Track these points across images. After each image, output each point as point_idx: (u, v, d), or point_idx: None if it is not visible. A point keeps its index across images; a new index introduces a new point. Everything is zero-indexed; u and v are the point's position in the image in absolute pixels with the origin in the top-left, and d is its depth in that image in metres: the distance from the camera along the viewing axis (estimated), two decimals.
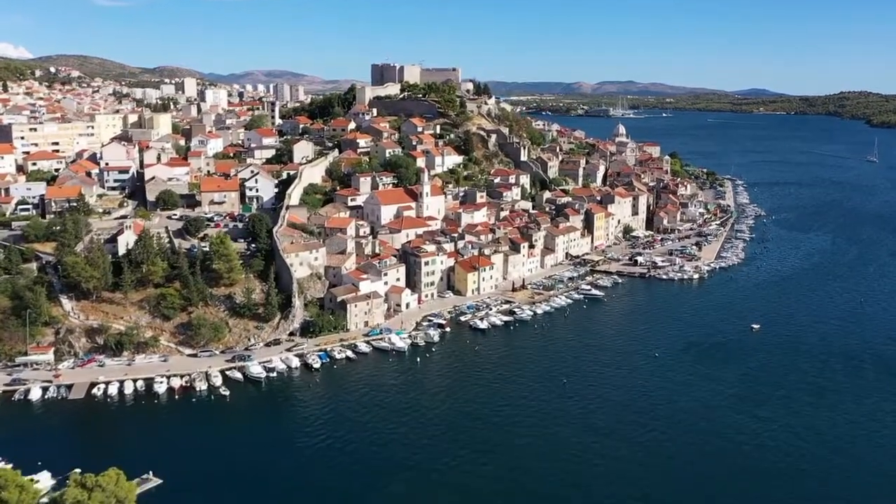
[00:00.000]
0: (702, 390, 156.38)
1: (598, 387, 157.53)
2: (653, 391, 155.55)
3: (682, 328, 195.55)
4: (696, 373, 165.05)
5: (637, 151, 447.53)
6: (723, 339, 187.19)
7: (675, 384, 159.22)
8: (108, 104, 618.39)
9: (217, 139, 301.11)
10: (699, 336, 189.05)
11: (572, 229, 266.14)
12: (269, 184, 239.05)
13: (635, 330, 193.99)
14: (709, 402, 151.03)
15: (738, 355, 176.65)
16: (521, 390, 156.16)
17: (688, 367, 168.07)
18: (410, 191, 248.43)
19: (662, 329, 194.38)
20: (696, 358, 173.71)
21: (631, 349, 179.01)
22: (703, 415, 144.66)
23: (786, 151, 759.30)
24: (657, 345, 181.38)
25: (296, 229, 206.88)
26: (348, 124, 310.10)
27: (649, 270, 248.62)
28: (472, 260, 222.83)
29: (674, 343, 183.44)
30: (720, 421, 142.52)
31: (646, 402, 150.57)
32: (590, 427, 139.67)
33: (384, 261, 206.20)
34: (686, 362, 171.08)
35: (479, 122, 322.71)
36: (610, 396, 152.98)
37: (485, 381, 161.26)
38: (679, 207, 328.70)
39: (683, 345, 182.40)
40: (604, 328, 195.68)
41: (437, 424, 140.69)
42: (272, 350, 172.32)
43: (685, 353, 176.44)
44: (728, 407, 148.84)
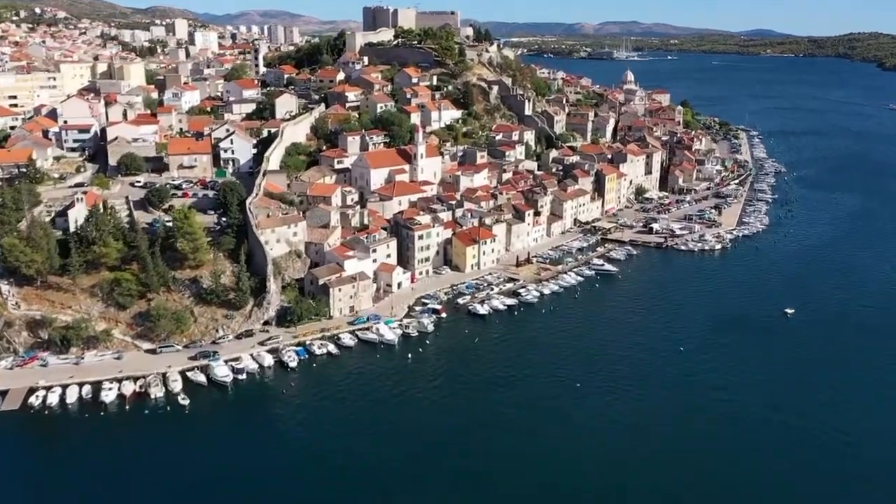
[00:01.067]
0: (745, 402, 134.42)
1: (616, 393, 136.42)
2: (681, 400, 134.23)
3: (707, 313, 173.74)
4: (730, 376, 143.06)
5: (646, 100, 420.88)
6: (755, 328, 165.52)
7: (707, 391, 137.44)
8: (90, 48, 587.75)
9: (193, 91, 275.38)
10: (727, 324, 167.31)
11: (581, 193, 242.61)
12: (247, 144, 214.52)
13: (654, 316, 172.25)
14: (759, 415, 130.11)
15: (775, 350, 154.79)
16: (527, 394, 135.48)
17: (719, 367, 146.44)
18: (403, 151, 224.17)
19: (685, 315, 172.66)
20: (727, 354, 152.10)
21: (651, 342, 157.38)
22: (755, 441, 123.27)
23: (797, 97, 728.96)
24: (680, 335, 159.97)
25: (273, 199, 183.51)
26: (337, 74, 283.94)
27: (666, 240, 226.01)
28: (472, 231, 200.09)
29: (699, 334, 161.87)
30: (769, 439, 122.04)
31: (675, 415, 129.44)
32: (606, 446, 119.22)
33: (373, 235, 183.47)
34: (716, 360, 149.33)
35: (480, 71, 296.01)
36: (630, 408, 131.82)
37: (485, 382, 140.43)
38: (695, 165, 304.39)
39: (710, 336, 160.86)
40: (619, 314, 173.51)
41: (431, 439, 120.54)
42: (243, 344, 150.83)
43: (714, 348, 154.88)
44: (776, 420, 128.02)
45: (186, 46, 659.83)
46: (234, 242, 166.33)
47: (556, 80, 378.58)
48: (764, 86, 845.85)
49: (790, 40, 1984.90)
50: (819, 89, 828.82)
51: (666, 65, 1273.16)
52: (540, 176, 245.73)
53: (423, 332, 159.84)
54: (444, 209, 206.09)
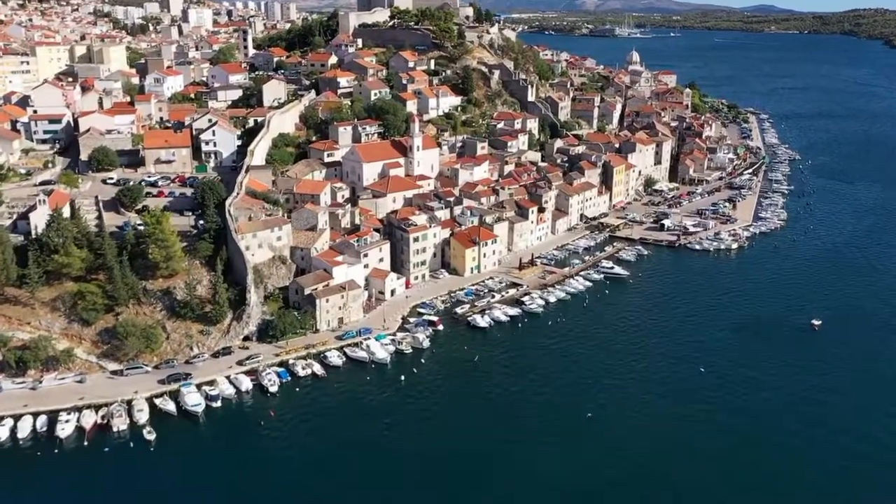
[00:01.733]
0: (781, 432, 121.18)
1: (630, 423, 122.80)
2: (705, 434, 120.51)
3: (726, 325, 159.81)
4: (758, 404, 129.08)
5: (652, 82, 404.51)
6: (781, 344, 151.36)
7: (734, 421, 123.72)
8: (79, 27, 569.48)
9: (176, 77, 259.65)
10: (749, 338, 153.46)
11: (588, 186, 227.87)
12: (230, 136, 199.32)
13: (669, 329, 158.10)
14: (796, 443, 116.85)
15: (806, 370, 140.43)
16: (531, 424, 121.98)
17: (744, 393, 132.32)
18: (398, 143, 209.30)
19: (702, 328, 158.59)
20: (751, 375, 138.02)
21: (667, 361, 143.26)
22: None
23: (806, 76, 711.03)
24: (699, 353, 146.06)
25: (256, 199, 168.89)
26: (329, 58, 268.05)
27: (679, 238, 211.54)
28: (471, 232, 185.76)
29: (719, 350, 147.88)
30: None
31: (696, 451, 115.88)
32: (619, 484, 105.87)
33: (364, 238, 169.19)
34: (740, 384, 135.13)
35: (480, 54, 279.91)
36: (646, 442, 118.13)
37: (485, 408, 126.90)
38: (706, 154, 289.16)
39: (731, 353, 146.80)
40: (631, 326, 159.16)
41: (427, 473, 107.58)
42: (220, 364, 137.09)
43: (737, 368, 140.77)
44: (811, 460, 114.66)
45: (179, 24, 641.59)
46: (213, 248, 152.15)
47: (560, 62, 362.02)
48: (771, 65, 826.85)
49: (794, 17, 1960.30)
50: (828, 68, 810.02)
51: (669, 42, 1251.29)
52: (544, 168, 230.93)
53: (418, 349, 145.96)
54: (441, 207, 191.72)
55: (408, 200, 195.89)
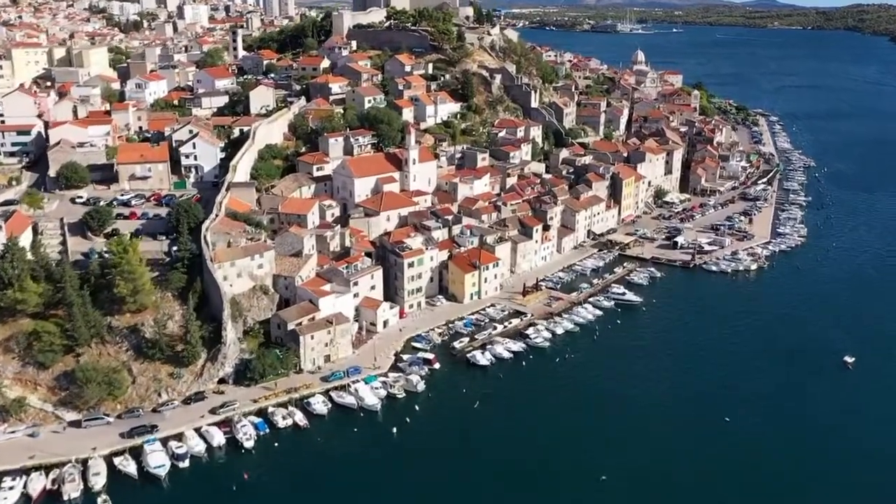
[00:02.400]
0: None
1: (648, 484, 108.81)
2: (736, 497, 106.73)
3: (749, 361, 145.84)
4: (793, 466, 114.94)
5: (658, 82, 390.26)
6: (811, 385, 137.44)
7: (772, 491, 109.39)
8: (70, 24, 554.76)
9: (159, 81, 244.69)
10: (776, 378, 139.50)
11: (596, 200, 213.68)
12: (212, 149, 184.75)
13: (688, 366, 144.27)
14: None
15: (844, 427, 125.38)
16: (537, 486, 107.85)
17: (778, 449, 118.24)
18: (393, 156, 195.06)
19: (724, 364, 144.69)
20: (784, 431, 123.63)
21: (689, 408, 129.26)
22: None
23: (813, 74, 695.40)
24: (722, 396, 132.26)
25: (237, 221, 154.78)
26: (321, 61, 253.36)
27: (693, 258, 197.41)
28: (471, 255, 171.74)
29: (744, 394, 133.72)
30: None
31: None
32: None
33: (354, 265, 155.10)
34: (773, 438, 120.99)
35: (481, 57, 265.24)
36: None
37: (485, 466, 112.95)
38: (718, 162, 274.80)
39: (758, 396, 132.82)
40: (646, 364, 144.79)
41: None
42: (191, 412, 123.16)
43: (765, 415, 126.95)
44: None
45: (174, 21, 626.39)
46: (186, 279, 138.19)
47: (564, 63, 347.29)
48: (777, 62, 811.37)
49: (797, 12, 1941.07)
50: (835, 65, 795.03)
51: (672, 38, 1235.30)
52: (548, 181, 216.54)
53: (412, 392, 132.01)
54: (438, 226, 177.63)
55: (403, 219, 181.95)
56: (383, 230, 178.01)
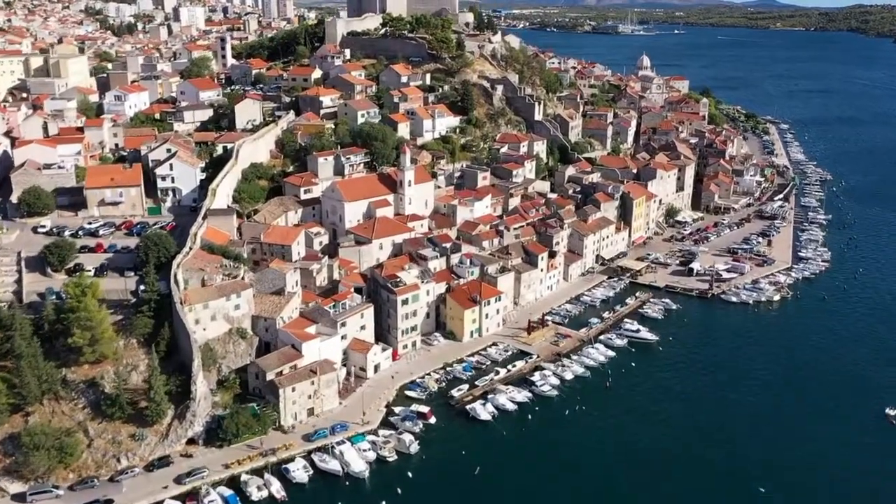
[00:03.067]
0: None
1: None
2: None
3: (779, 411, 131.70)
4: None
5: (664, 88, 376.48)
6: (851, 444, 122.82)
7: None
8: (62, 27, 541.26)
9: (141, 93, 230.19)
10: (811, 435, 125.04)
11: (605, 223, 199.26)
12: (190, 170, 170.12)
13: (711, 420, 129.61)
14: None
15: (887, 487, 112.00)
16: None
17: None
18: (387, 177, 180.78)
19: (752, 419, 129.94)
20: (823, 494, 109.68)
21: (716, 476, 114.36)
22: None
23: (821, 77, 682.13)
24: (755, 461, 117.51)
25: (213, 254, 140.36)
26: (312, 72, 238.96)
27: (711, 286, 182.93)
28: (471, 288, 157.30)
29: (778, 456, 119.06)
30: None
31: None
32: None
33: (343, 302, 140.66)
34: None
35: (482, 67, 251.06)
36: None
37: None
38: (731, 177, 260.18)
39: (793, 461, 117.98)
40: (665, 416, 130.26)
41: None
42: (153, 482, 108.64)
43: (804, 485, 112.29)
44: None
45: (169, 23, 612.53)
46: (153, 324, 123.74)
47: (568, 71, 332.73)
48: (782, 64, 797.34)
49: (799, 13, 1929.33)
50: (842, 67, 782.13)
51: (673, 39, 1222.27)
52: (554, 201, 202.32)
53: (404, 454, 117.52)
54: (436, 255, 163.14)
55: (397, 246, 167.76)
56: (375, 259, 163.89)
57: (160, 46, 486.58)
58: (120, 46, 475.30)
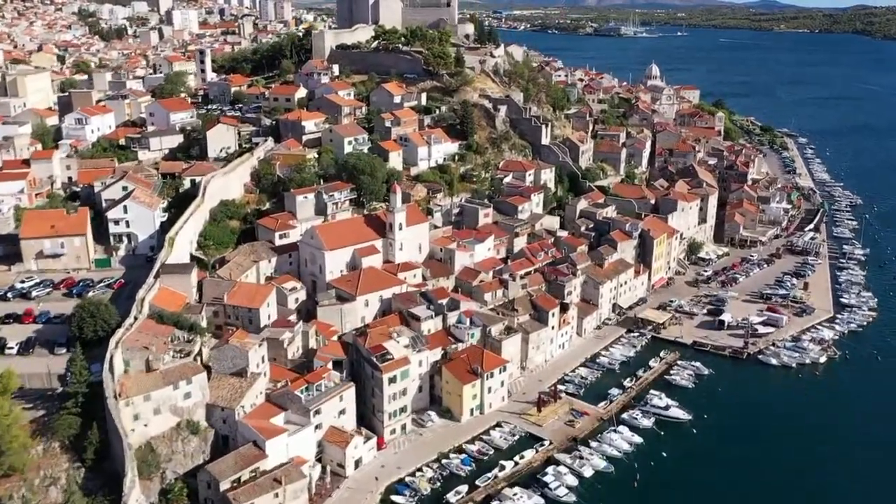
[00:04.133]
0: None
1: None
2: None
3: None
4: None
5: (674, 98, 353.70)
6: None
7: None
8: (48, 33, 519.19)
9: (105, 115, 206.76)
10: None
11: (623, 266, 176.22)
12: (148, 213, 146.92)
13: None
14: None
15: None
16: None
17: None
18: (375, 219, 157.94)
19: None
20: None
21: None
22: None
23: (833, 82, 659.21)
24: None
25: (164, 324, 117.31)
26: (296, 91, 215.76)
27: (746, 346, 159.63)
28: (471, 356, 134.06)
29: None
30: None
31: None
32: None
33: (318, 384, 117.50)
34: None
35: (483, 84, 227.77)
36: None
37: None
38: (757, 205, 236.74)
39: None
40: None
41: None
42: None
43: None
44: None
45: (160, 27, 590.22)
46: (81, 423, 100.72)
47: (575, 84, 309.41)
48: (792, 69, 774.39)
49: (803, 14, 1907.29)
50: (853, 71, 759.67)
51: (677, 42, 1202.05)
52: (564, 240, 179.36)
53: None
54: (430, 314, 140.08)
55: (385, 302, 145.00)
56: (360, 319, 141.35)
57: (147, 52, 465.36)
58: (105, 53, 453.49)
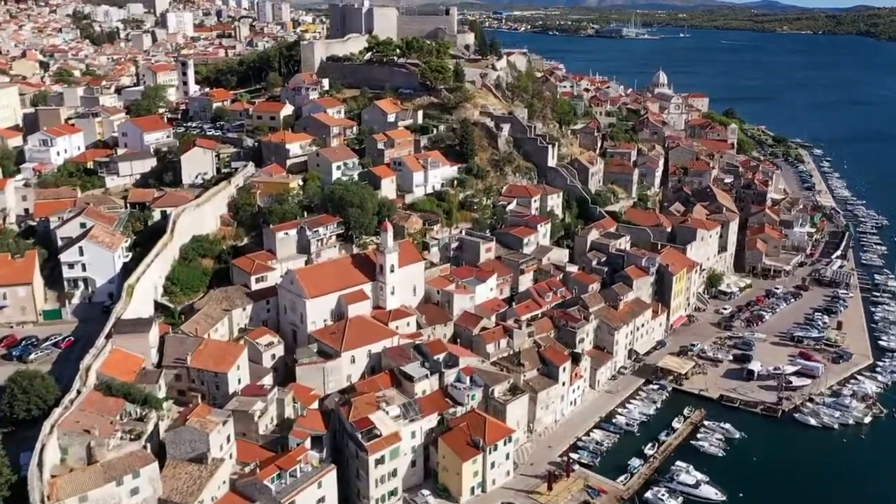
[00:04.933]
0: None
1: None
2: None
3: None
4: None
5: (683, 107, 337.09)
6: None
7: None
8: (37, 38, 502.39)
9: (74, 136, 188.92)
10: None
11: (639, 307, 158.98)
12: (107, 255, 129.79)
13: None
14: None
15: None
16: None
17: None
18: (363, 260, 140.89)
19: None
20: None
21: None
22: None
23: (844, 85, 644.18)
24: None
25: (114, 396, 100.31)
26: (282, 108, 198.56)
27: (780, 401, 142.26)
28: (472, 424, 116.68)
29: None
30: None
31: None
32: None
33: (292, 470, 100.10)
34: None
35: (484, 100, 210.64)
36: None
37: None
38: (781, 231, 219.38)
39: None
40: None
41: None
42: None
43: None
44: None
45: (153, 31, 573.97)
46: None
47: (581, 96, 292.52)
48: (800, 71, 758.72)
49: (806, 15, 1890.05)
50: (860, 74, 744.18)
51: (679, 43, 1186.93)
52: (574, 277, 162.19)
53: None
54: (425, 374, 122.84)
55: (375, 358, 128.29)
56: (346, 378, 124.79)
57: (138, 57, 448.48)
58: (94, 59, 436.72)
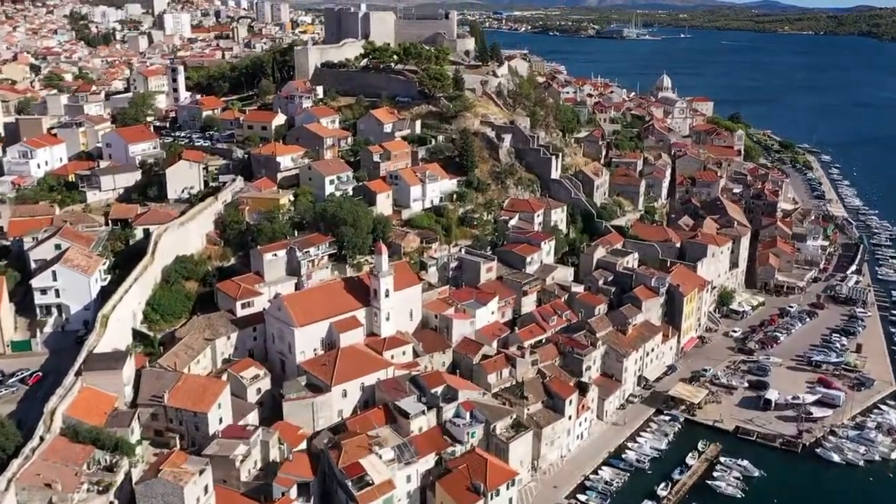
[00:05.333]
0: None
1: None
2: None
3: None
4: None
5: (687, 112, 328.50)
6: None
7: None
8: (31, 40, 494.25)
9: (56, 147, 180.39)
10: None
11: (649, 331, 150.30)
12: (83, 280, 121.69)
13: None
14: None
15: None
16: None
17: None
18: (356, 283, 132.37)
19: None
20: None
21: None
22: None
23: (849, 87, 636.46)
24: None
25: (81, 442, 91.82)
26: (273, 118, 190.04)
27: (801, 434, 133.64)
28: (472, 465, 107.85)
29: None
30: None
31: None
32: None
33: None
34: None
35: (485, 109, 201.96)
36: None
37: None
38: (794, 245, 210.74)
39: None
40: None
41: None
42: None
43: None
44: None
45: (150, 32, 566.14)
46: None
47: (585, 102, 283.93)
48: (803, 73, 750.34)
49: (807, 15, 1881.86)
50: (864, 75, 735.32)
51: (681, 44, 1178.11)
52: (580, 298, 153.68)
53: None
54: (421, 410, 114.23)
55: (368, 391, 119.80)
56: (337, 413, 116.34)
57: (133, 59, 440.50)
58: (87, 61, 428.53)
